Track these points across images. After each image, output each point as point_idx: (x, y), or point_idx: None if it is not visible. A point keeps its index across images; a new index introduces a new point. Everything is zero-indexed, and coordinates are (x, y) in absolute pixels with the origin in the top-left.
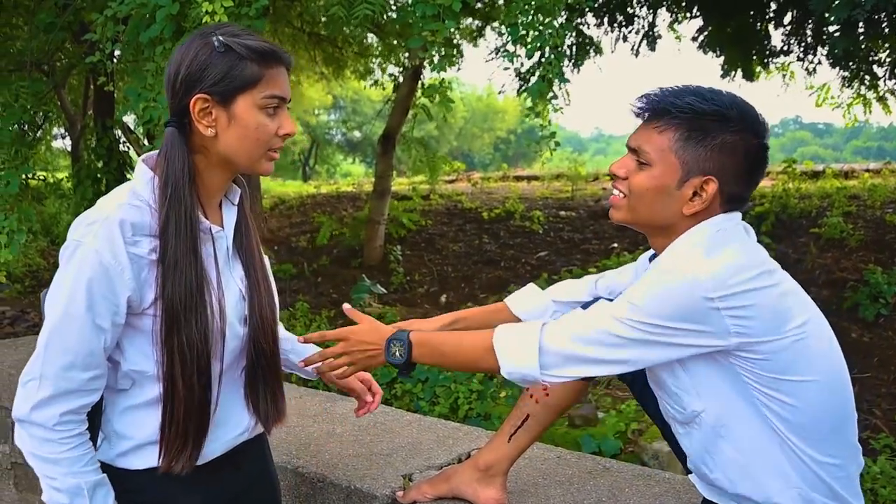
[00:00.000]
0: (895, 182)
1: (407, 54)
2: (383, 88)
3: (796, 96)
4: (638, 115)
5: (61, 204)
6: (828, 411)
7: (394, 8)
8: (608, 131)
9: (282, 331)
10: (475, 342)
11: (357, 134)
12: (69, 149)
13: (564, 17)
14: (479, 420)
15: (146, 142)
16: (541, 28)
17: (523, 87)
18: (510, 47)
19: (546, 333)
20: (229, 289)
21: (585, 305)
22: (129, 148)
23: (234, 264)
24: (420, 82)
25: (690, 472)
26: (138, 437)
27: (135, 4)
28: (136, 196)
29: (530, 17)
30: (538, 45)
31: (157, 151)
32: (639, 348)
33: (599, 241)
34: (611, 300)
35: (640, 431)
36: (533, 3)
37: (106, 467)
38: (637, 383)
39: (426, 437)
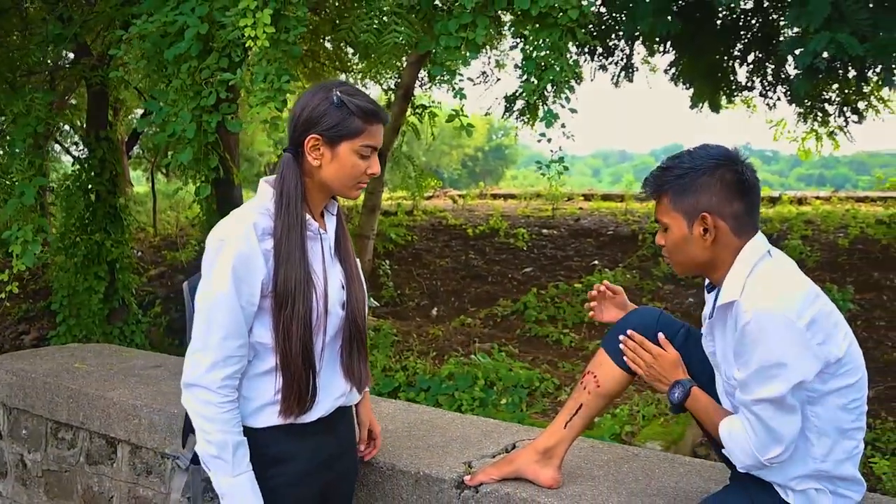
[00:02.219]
0: (843, 209)
1: (390, 74)
2: None
3: (747, 125)
4: (650, 198)
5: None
6: (859, 401)
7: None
8: (571, 151)
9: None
10: (716, 424)
11: None
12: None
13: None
14: None
15: (165, 156)
16: (552, 62)
17: (511, 111)
18: (524, 78)
19: (750, 434)
20: (332, 279)
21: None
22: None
23: (335, 261)
24: (411, 102)
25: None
26: (260, 400)
27: (160, 22)
28: (262, 206)
29: (544, 53)
30: (551, 77)
31: (274, 176)
32: (783, 396)
33: (581, 258)
34: None
35: (634, 433)
36: (547, 41)
37: None
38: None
39: (472, 432)
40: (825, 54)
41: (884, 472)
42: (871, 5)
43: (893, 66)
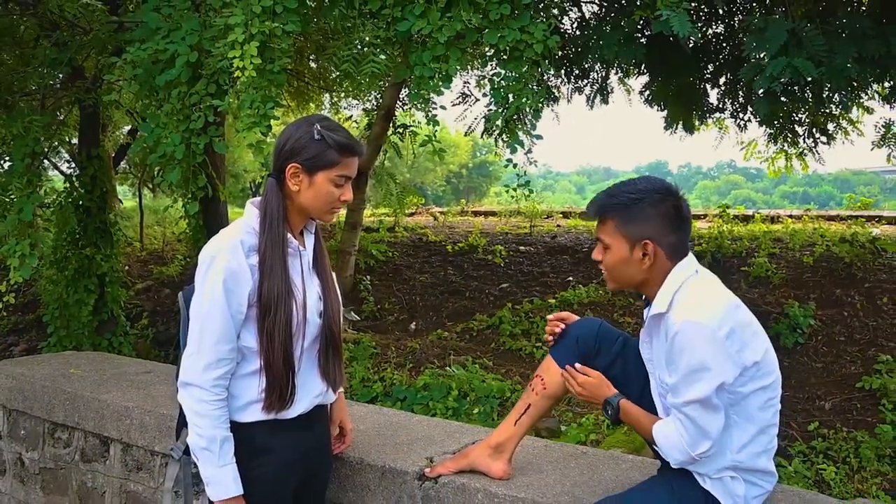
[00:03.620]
0: (812, 227)
1: (374, 94)
2: (356, 125)
3: (731, 143)
4: (592, 218)
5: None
6: (773, 401)
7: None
8: (556, 168)
9: None
10: (648, 430)
11: None
12: None
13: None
14: None
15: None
16: (520, 92)
17: (491, 132)
18: (493, 106)
19: (682, 433)
20: (310, 291)
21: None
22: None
23: (313, 275)
24: (392, 122)
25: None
26: (246, 398)
27: (152, 50)
28: (248, 226)
29: (511, 83)
30: (517, 105)
31: (259, 198)
32: (708, 396)
33: (556, 274)
34: None
35: (598, 441)
36: (514, 73)
37: None
38: (633, 394)
39: (437, 432)
40: (782, 79)
41: (832, 479)
42: (830, 29)
43: (855, 87)
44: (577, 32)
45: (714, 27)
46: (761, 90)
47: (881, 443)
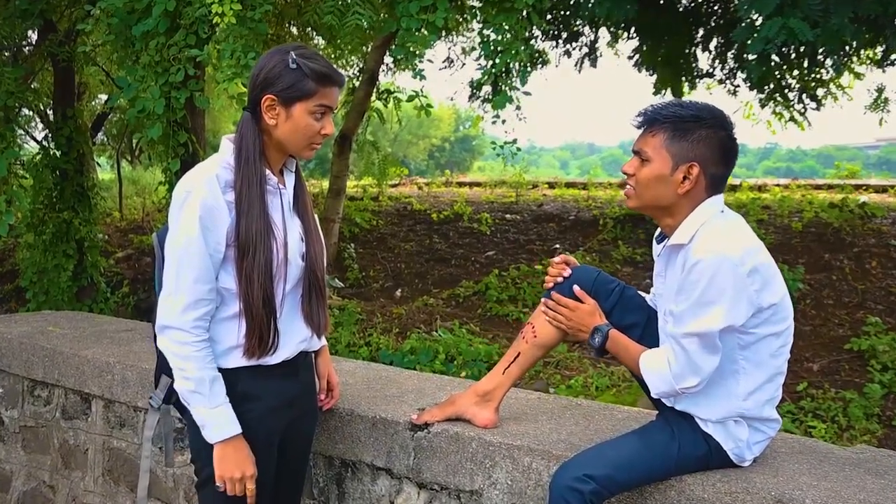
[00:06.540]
0: (800, 195)
1: (356, 57)
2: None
3: (725, 109)
4: (638, 127)
5: None
6: (784, 349)
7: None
8: (540, 143)
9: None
10: (635, 358)
11: None
12: None
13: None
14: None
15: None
16: (509, 46)
17: (477, 96)
18: (482, 62)
19: (672, 363)
20: (291, 231)
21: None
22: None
23: (294, 215)
24: (376, 86)
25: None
26: (227, 342)
27: None
28: (224, 161)
29: (501, 36)
30: (506, 59)
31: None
32: (711, 333)
33: (542, 241)
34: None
35: None
36: (504, 25)
37: None
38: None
39: (427, 385)
40: (777, 41)
41: (821, 437)
42: None
43: (849, 50)
44: None
45: None
46: (754, 53)
47: (869, 402)
